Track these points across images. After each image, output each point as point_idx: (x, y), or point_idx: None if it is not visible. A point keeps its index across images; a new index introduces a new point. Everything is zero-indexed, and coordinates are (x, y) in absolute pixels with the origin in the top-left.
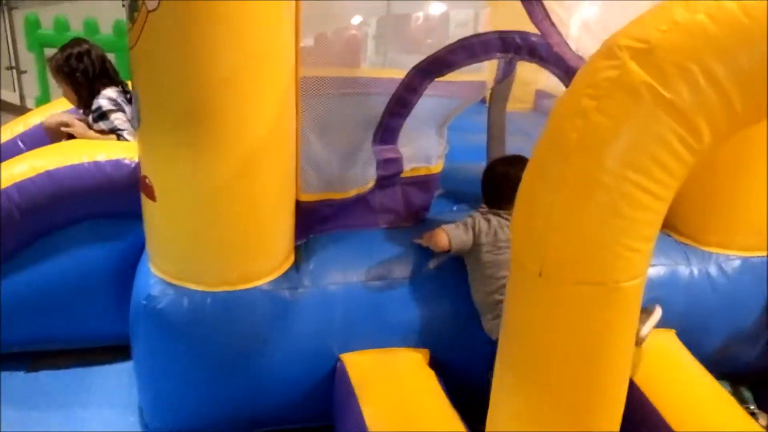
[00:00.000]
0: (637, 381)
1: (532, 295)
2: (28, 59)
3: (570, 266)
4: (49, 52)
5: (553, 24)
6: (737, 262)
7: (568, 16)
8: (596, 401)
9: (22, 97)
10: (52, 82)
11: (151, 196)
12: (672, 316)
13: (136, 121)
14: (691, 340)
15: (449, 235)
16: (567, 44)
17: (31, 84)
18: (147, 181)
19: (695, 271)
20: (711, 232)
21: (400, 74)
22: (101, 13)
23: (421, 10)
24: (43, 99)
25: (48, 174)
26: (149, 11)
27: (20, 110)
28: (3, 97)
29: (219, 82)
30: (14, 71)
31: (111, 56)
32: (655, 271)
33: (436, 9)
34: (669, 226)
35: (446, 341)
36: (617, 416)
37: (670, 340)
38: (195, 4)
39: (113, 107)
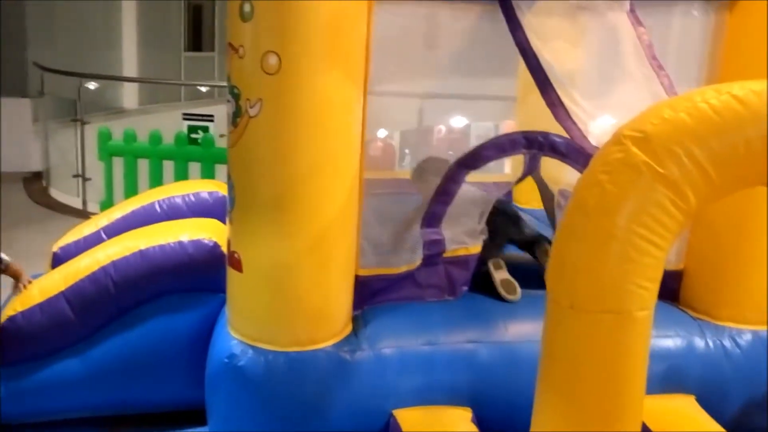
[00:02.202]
0: None
1: (565, 324)
2: (90, 168)
3: (593, 299)
4: (117, 160)
5: (574, 122)
6: (749, 335)
7: (588, 118)
8: (617, 411)
9: (84, 202)
10: (116, 188)
11: (239, 268)
12: (691, 382)
13: (230, 205)
14: (711, 406)
15: None
16: (587, 138)
17: (92, 190)
18: (236, 255)
19: (710, 343)
20: (723, 308)
21: None
22: (164, 125)
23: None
24: (108, 203)
25: (140, 253)
26: (251, 117)
27: (83, 213)
28: (68, 202)
29: (301, 176)
30: (80, 179)
31: (170, 163)
32: (673, 341)
33: (458, 122)
34: (684, 303)
35: (487, 401)
36: (636, 426)
37: (690, 404)
38: (289, 113)
39: None
